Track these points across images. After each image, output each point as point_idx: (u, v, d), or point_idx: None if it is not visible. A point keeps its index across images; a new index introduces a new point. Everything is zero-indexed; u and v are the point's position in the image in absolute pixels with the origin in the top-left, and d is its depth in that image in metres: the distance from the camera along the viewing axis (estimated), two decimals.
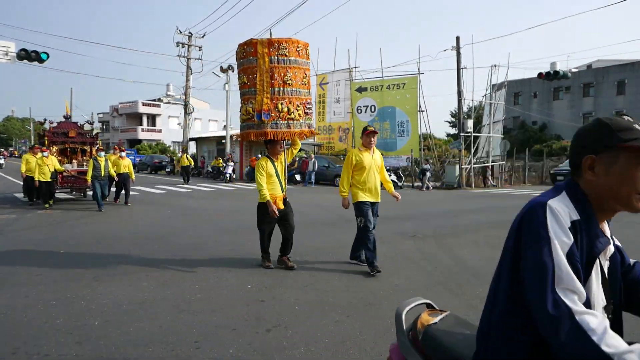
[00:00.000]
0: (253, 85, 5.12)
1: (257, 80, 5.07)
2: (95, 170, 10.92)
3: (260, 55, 5.05)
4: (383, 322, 3.69)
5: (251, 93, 5.16)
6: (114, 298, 4.26)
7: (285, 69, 5.09)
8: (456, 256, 6.18)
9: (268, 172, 5.29)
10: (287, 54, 5.10)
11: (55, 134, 12.59)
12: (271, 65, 5.04)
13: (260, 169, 5.27)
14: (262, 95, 5.05)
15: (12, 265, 5.45)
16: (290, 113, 5.10)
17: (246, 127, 5.29)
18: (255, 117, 5.09)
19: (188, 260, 5.79)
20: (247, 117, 5.24)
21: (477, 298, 4.35)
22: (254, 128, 5.17)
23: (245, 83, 5.24)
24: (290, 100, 5.13)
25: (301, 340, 3.33)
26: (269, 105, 5.04)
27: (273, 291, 4.52)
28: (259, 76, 5.06)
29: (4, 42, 14.08)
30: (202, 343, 3.26)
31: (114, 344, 3.22)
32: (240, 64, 5.32)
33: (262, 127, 5.08)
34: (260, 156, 20.78)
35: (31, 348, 3.15)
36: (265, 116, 5.02)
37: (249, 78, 5.16)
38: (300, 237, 7.55)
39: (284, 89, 5.09)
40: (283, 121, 5.09)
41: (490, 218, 10.13)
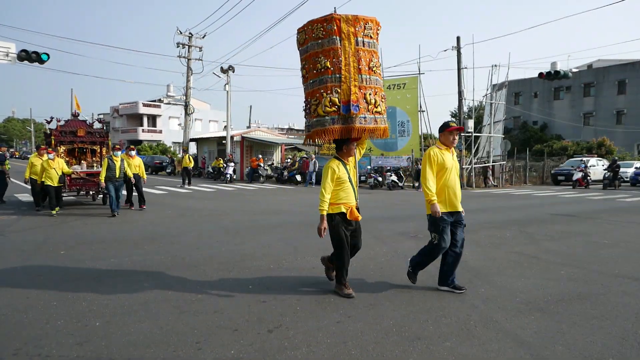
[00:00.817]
0: (338, 71, 4.22)
1: (342, 65, 4.20)
2: (110, 170, 10.01)
3: (346, 35, 4.22)
4: (384, 323, 3.68)
5: (335, 80, 4.24)
6: (115, 299, 4.25)
7: (370, 53, 4.34)
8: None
9: (340, 177, 4.33)
10: (372, 36, 4.36)
11: (62, 133, 11.56)
12: (357, 48, 4.26)
13: (330, 175, 4.30)
14: (350, 82, 4.21)
15: (12, 266, 5.44)
16: (377, 105, 4.35)
17: (330, 121, 4.26)
18: (342, 109, 4.19)
19: (189, 261, 5.78)
20: (331, 110, 4.24)
21: (478, 298, 4.34)
22: (339, 123, 4.24)
23: (326, 68, 4.26)
24: (375, 91, 4.36)
25: (303, 340, 3.32)
26: (357, 95, 4.23)
27: (274, 291, 4.51)
28: (345, 60, 4.21)
29: (5, 43, 14.09)
30: (203, 344, 3.25)
31: (115, 345, 3.22)
32: (318, 45, 4.31)
33: (350, 122, 4.22)
34: (261, 157, 20.27)
35: (32, 349, 3.15)
36: (354, 108, 4.18)
37: (332, 62, 4.22)
38: (301, 237, 7.56)
39: (370, 77, 4.33)
40: (370, 115, 4.31)
41: (491, 218, 10.11)
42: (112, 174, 10.00)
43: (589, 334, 3.47)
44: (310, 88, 4.42)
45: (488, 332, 3.49)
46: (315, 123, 4.34)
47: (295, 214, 10.74)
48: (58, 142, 11.45)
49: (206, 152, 31.20)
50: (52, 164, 10.10)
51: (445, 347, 3.24)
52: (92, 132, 12.06)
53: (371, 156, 23.53)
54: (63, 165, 10.44)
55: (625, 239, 7.48)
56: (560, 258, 6.11)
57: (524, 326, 3.63)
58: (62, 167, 10.34)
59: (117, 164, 10.13)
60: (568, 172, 22.85)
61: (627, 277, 5.16)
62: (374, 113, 4.32)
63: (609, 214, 10.87)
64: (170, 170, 30.45)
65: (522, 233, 8.15)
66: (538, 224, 9.29)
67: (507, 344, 3.30)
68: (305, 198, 14.91)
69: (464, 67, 21.43)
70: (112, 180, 10.01)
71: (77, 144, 11.93)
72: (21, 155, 64.89)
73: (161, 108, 52.26)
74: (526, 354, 3.12)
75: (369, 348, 3.20)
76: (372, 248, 6.63)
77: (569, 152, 29.82)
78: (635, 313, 3.94)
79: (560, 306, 4.13)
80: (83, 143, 11.99)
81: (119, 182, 10.22)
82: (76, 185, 11.25)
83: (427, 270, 5.38)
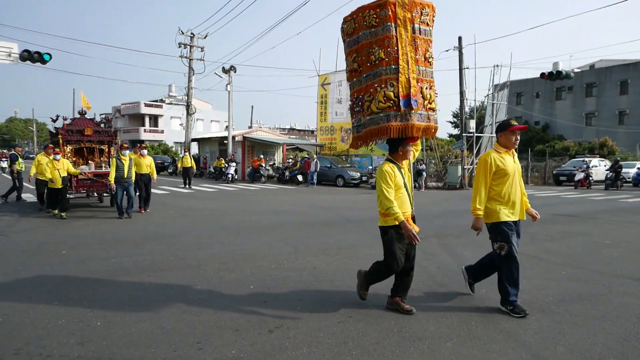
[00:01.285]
0: (394, 62, 3.74)
1: (399, 55, 3.73)
2: (118, 171, 9.62)
3: (402, 22, 3.75)
4: (385, 323, 3.68)
5: (391, 72, 3.76)
6: (116, 298, 4.26)
7: (427, 43, 3.90)
8: (459, 257, 6.17)
9: (396, 183, 3.78)
10: (429, 23, 3.91)
11: (69, 132, 11.01)
12: (414, 36, 3.80)
13: (387, 179, 3.76)
14: (407, 74, 3.75)
15: (14, 266, 5.46)
16: (431, 101, 3.90)
17: (384, 118, 3.76)
18: (401, 103, 3.71)
19: (190, 261, 5.79)
20: (385, 106, 3.75)
21: (479, 299, 4.34)
22: (395, 120, 3.73)
23: (380, 59, 3.79)
24: (430, 84, 3.92)
25: (303, 341, 3.32)
26: (416, 89, 3.76)
27: (275, 292, 4.52)
28: (401, 49, 3.74)
29: (7, 43, 14.12)
30: (204, 344, 3.26)
31: (116, 345, 3.23)
32: (371, 34, 3.83)
33: (408, 119, 3.71)
34: (262, 157, 20.23)
35: (33, 349, 3.16)
36: (414, 103, 3.72)
37: (387, 52, 3.75)
38: (302, 237, 7.56)
39: (426, 69, 3.89)
40: (425, 111, 3.84)
41: None
42: (120, 174, 9.65)
43: (590, 335, 3.47)
44: (363, 83, 3.95)
45: (489, 332, 3.49)
46: (368, 122, 3.87)
47: (297, 214, 10.74)
48: (65, 142, 10.94)
49: (208, 152, 31.24)
50: (57, 165, 9.70)
51: (447, 347, 3.24)
52: (100, 131, 11.53)
53: (373, 156, 23.54)
54: (69, 166, 10.05)
55: (626, 239, 7.46)
56: (561, 258, 6.10)
57: (524, 326, 3.62)
58: (67, 168, 9.94)
59: (126, 163, 9.77)
60: (570, 173, 22.81)
61: (628, 277, 5.15)
62: (428, 109, 3.86)
63: (610, 215, 10.85)
64: (171, 170, 30.50)
65: (523, 233, 8.10)
66: (539, 224, 9.26)
67: (508, 344, 3.29)
68: (306, 198, 14.91)
69: (465, 67, 21.41)
70: (121, 181, 9.67)
71: (84, 144, 11.40)
72: (23, 155, 64.94)
73: (163, 108, 52.36)
74: (527, 355, 3.12)
75: (370, 348, 3.21)
76: (374, 248, 6.62)
77: (571, 153, 29.75)
78: (636, 313, 3.93)
79: (561, 306, 4.12)
80: (90, 142, 11.46)
81: (128, 182, 9.82)
82: (83, 186, 10.76)
83: (428, 270, 5.38)
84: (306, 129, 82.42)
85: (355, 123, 4.08)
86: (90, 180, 10.69)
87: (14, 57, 14.01)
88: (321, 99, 27.85)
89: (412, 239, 3.65)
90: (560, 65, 18.23)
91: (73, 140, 11.11)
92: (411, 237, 3.65)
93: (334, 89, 26.98)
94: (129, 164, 9.82)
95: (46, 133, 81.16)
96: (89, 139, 11.34)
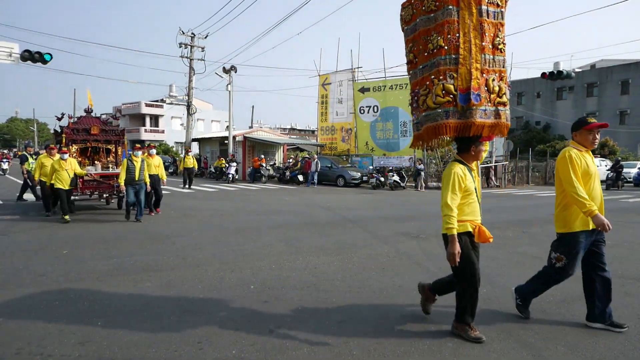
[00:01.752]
0: (454, 50, 3.31)
1: (460, 42, 3.30)
2: (129, 172, 9.12)
3: (465, 4, 3.32)
4: (386, 323, 3.68)
5: (450, 62, 3.33)
6: (116, 298, 4.26)
7: (496, 27, 3.39)
8: None
9: (467, 187, 3.33)
10: (500, 3, 3.42)
11: (74, 131, 10.43)
12: (480, 20, 3.32)
13: (456, 183, 3.29)
14: (470, 64, 3.28)
15: (15, 266, 5.46)
16: (501, 94, 3.39)
17: (443, 115, 3.33)
18: (458, 99, 3.27)
19: (191, 261, 5.79)
20: (444, 100, 3.31)
21: (480, 299, 4.30)
22: (454, 117, 3.29)
23: (439, 47, 3.36)
24: (501, 75, 3.43)
25: (304, 341, 3.32)
26: (479, 81, 3.28)
27: (276, 292, 4.52)
28: (463, 36, 3.31)
29: (8, 43, 14.13)
30: (205, 344, 3.26)
31: (117, 345, 3.23)
32: (430, 20, 3.42)
33: (469, 115, 3.26)
34: (263, 157, 19.99)
35: (34, 348, 3.16)
36: (475, 98, 3.24)
37: (447, 39, 3.32)
38: (303, 237, 7.56)
39: (494, 57, 3.39)
40: (492, 106, 3.35)
41: (493, 218, 10.09)
42: (131, 176, 9.14)
43: (591, 335, 3.46)
44: (419, 75, 3.55)
45: (490, 332, 3.48)
46: (424, 118, 3.46)
47: (297, 214, 10.74)
48: (70, 141, 10.39)
49: (208, 152, 31.26)
50: (64, 165, 9.17)
51: (447, 347, 3.23)
52: (107, 130, 10.96)
53: (373, 156, 23.53)
54: (76, 166, 9.52)
55: (627, 240, 7.45)
56: None
57: (525, 327, 3.62)
58: (74, 168, 9.42)
59: (137, 165, 9.25)
60: None
61: (630, 277, 5.14)
62: (497, 104, 3.36)
63: (611, 215, 10.79)
64: (172, 171, 30.51)
65: (524, 233, 8.13)
66: (540, 224, 9.26)
67: (509, 344, 3.29)
68: (307, 198, 14.91)
69: None
70: (132, 183, 9.17)
71: (90, 143, 10.85)
72: (15, 155, 65.04)
73: (163, 108, 52.39)
74: (528, 355, 3.12)
75: (371, 348, 3.20)
76: (374, 248, 6.63)
77: None
78: (637, 314, 3.92)
79: (562, 307, 4.12)
80: (97, 142, 10.89)
81: (139, 185, 9.29)
82: (89, 188, 10.19)
83: (429, 270, 5.37)
84: (307, 129, 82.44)
85: (414, 120, 3.70)
86: (96, 182, 10.22)
87: (15, 57, 14.01)
88: (322, 99, 27.85)
89: (453, 257, 3.18)
90: (561, 65, 18.20)
91: (79, 139, 10.58)
92: (454, 256, 3.17)
93: (335, 89, 26.98)
94: (140, 166, 9.32)
95: (47, 133, 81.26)
96: (96, 138, 10.77)
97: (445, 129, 3.32)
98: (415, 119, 3.66)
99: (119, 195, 10.57)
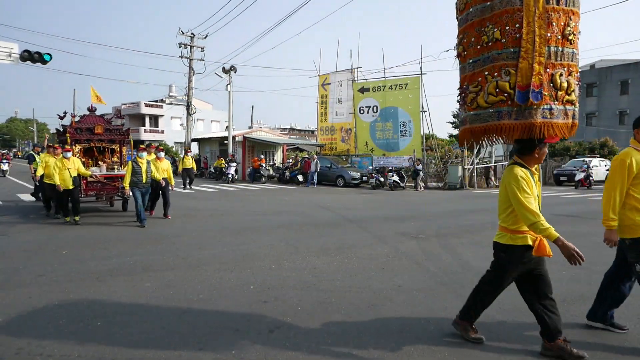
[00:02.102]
0: (513, 43, 2.96)
1: (523, 33, 2.93)
2: (135, 175, 8.72)
3: None
4: (386, 323, 3.68)
5: (508, 56, 2.99)
6: (117, 299, 4.26)
7: (566, 15, 3.00)
8: (459, 257, 6.16)
9: (530, 192, 2.99)
10: None
11: (78, 130, 10.05)
12: (547, 7, 2.95)
13: (526, 184, 2.98)
14: (531, 58, 2.93)
15: (15, 266, 5.46)
16: (570, 91, 3.03)
17: (495, 115, 3.04)
18: (516, 96, 2.93)
19: (191, 261, 5.79)
20: (497, 99, 3.02)
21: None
22: (509, 117, 2.99)
23: (495, 40, 3.04)
24: (569, 69, 3.04)
25: (304, 341, 3.32)
26: (541, 78, 2.93)
27: (276, 292, 4.51)
28: (527, 26, 2.93)
29: (7, 44, 14.13)
30: (204, 344, 3.26)
31: (117, 345, 3.23)
32: (485, 9, 3.09)
33: (528, 116, 2.93)
34: (263, 157, 19.89)
35: (34, 348, 3.16)
36: (534, 96, 2.90)
37: (505, 31, 2.99)
38: (303, 237, 7.56)
39: (564, 50, 3.00)
40: (560, 105, 2.99)
41: (493, 218, 10.08)
42: (138, 178, 8.73)
43: (590, 335, 3.47)
44: (468, 70, 3.26)
45: (489, 332, 3.49)
46: (472, 118, 3.18)
47: (297, 214, 10.74)
48: (73, 140, 10.03)
49: (208, 152, 31.27)
50: (67, 164, 8.84)
51: (447, 347, 3.23)
52: (111, 130, 10.61)
53: (373, 156, 23.53)
54: (79, 165, 9.16)
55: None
56: (562, 259, 6.08)
57: (525, 327, 3.62)
58: (78, 167, 9.09)
59: (143, 167, 8.86)
60: (570, 173, 22.79)
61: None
62: (565, 102, 3.01)
63: None
64: (172, 170, 30.49)
65: None
66: None
67: (508, 344, 3.29)
68: (306, 198, 14.91)
69: None
70: (138, 186, 8.75)
71: (94, 143, 10.49)
72: (23, 156, 65.10)
73: (163, 108, 52.37)
74: (528, 355, 3.12)
75: (371, 348, 3.20)
76: (374, 248, 6.63)
77: (572, 153, 29.74)
78: (637, 314, 3.93)
79: (563, 307, 4.11)
80: (101, 142, 10.54)
81: (146, 187, 8.93)
82: (93, 189, 9.85)
83: (428, 270, 5.37)
84: (306, 129, 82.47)
85: (460, 117, 3.47)
86: (100, 183, 9.87)
87: (15, 57, 14.01)
88: (321, 99, 27.85)
89: (574, 258, 2.82)
90: None
91: (82, 139, 10.22)
92: (573, 257, 2.81)
93: (334, 89, 26.98)
94: (146, 168, 8.94)
95: (46, 133, 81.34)
96: (100, 137, 10.42)
97: (498, 131, 3.04)
98: (462, 116, 3.38)
99: (124, 197, 10.31)
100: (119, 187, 9.68)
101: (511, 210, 3.04)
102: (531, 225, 2.87)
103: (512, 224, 3.06)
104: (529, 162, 3.11)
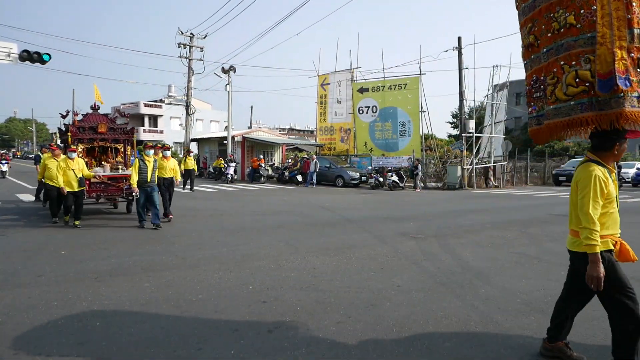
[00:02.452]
0: (589, 28, 2.71)
1: (597, 17, 2.67)
2: (141, 173, 8.46)
3: None
4: (385, 323, 3.68)
5: (586, 42, 2.73)
6: (116, 299, 4.26)
7: None
8: (458, 257, 6.17)
9: (609, 193, 2.76)
10: None
11: (81, 129, 9.71)
12: None
13: (602, 187, 2.73)
14: (611, 42, 2.64)
15: (14, 266, 5.45)
16: None
17: (578, 108, 2.77)
18: (597, 86, 2.64)
19: (190, 261, 5.79)
20: (578, 90, 2.75)
21: (479, 299, 4.33)
22: (593, 109, 2.71)
23: (569, 26, 2.80)
24: None
25: (303, 341, 3.33)
26: (625, 63, 2.63)
27: (274, 292, 4.52)
28: (601, 9, 2.67)
29: (6, 43, 14.11)
30: (204, 344, 3.26)
31: (116, 345, 3.23)
32: None
33: (615, 105, 2.64)
34: (262, 157, 19.92)
35: (33, 349, 3.16)
36: (622, 82, 2.60)
37: (579, 15, 2.75)
38: (302, 237, 7.56)
39: None
40: None
41: (492, 218, 10.10)
42: (143, 177, 8.48)
43: (590, 335, 3.47)
44: (542, 61, 3.00)
45: (488, 332, 3.49)
46: (553, 112, 2.91)
47: (296, 214, 10.74)
48: (76, 140, 9.65)
49: (207, 152, 31.25)
50: (71, 165, 8.52)
51: (445, 347, 3.24)
52: (115, 129, 10.31)
53: (372, 156, 23.55)
54: (83, 167, 8.88)
55: (627, 240, 7.43)
56: (562, 259, 6.10)
57: (524, 327, 3.63)
58: (82, 168, 8.80)
59: (150, 165, 8.60)
60: (569, 173, 22.81)
61: (629, 278, 5.14)
62: None
63: None
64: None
65: (523, 234, 8.15)
66: (539, 224, 9.28)
67: (508, 344, 3.30)
68: (306, 198, 14.91)
69: (465, 68, 21.39)
70: (144, 185, 8.51)
71: (97, 142, 10.12)
72: (22, 155, 65.09)
73: (162, 108, 52.34)
74: (527, 355, 3.12)
75: (369, 348, 3.21)
76: (373, 248, 6.63)
77: (571, 153, 29.81)
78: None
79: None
80: (104, 141, 10.19)
81: (152, 187, 8.64)
82: (96, 190, 9.53)
83: (428, 270, 5.38)
84: (306, 129, 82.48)
85: (534, 112, 3.17)
86: (103, 184, 9.55)
87: (14, 57, 13.99)
88: (321, 99, 27.85)
89: (594, 281, 2.66)
90: None
91: (85, 138, 9.84)
92: (595, 279, 2.65)
93: (334, 89, 26.99)
94: (152, 166, 8.68)
95: (45, 133, 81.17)
96: (103, 137, 10.07)
97: (583, 124, 2.76)
98: (538, 110, 3.11)
99: (129, 199, 10.11)
100: (123, 188, 9.49)
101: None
102: (583, 229, 2.70)
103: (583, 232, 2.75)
104: (606, 159, 2.82)
